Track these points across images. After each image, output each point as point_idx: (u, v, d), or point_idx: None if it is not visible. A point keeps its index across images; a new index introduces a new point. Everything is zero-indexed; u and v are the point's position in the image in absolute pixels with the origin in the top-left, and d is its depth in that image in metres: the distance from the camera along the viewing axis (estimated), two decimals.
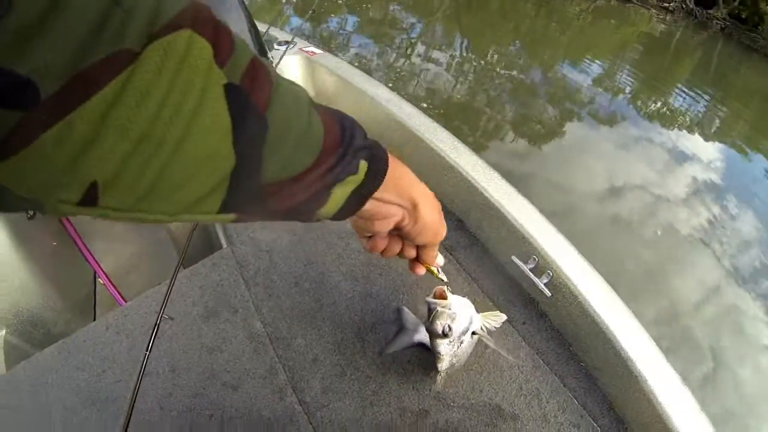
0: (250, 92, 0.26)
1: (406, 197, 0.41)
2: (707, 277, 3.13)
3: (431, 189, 0.44)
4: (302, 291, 1.14)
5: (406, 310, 1.04)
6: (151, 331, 1.03)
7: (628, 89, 5.42)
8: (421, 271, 0.55)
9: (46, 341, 1.22)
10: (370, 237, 0.47)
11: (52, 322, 1.40)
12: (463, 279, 1.18)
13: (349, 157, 0.33)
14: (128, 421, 0.82)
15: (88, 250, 1.42)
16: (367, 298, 1.12)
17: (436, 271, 0.61)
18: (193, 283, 1.18)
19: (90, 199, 0.23)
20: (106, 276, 1.41)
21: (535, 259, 1.09)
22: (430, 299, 0.79)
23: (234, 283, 1.18)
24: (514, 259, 1.13)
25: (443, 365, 0.86)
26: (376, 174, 0.36)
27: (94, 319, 1.62)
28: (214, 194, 0.26)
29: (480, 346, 1.00)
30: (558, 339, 1.08)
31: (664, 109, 5.26)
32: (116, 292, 1.37)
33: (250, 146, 0.26)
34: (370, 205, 0.38)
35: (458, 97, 4.56)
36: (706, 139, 4.85)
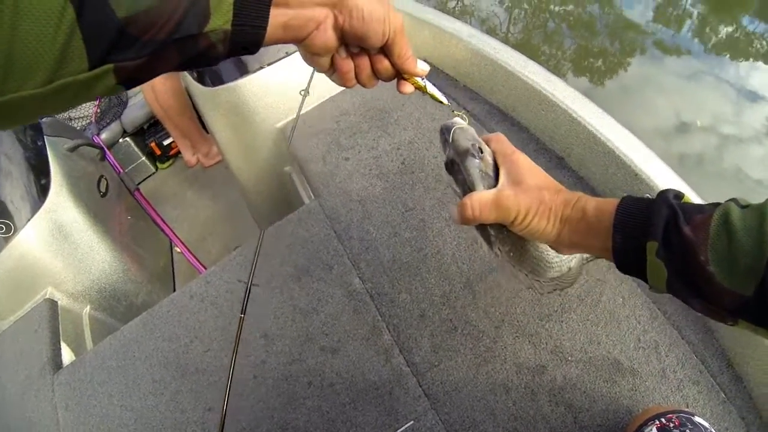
0: None
1: None
2: None
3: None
4: (402, 241, 1.01)
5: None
6: (241, 297, 0.94)
7: (695, 13, 4.82)
8: (408, 88, 0.49)
9: (130, 313, 1.17)
10: (332, 68, 0.45)
11: (134, 294, 1.36)
12: None
13: None
14: (228, 392, 0.74)
15: (163, 220, 1.36)
16: (474, 244, 0.98)
17: (423, 85, 0.50)
18: (280, 242, 1.08)
19: None
20: (183, 244, 1.35)
21: None
22: (444, 122, 0.58)
23: (325, 237, 1.06)
24: None
25: (479, 188, 0.62)
26: None
27: (174, 288, 1.59)
28: (71, 47, 0.28)
29: (595, 294, 0.89)
30: None
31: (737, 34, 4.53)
32: (194, 259, 1.30)
33: None
34: (284, 16, 0.36)
35: (514, 35, 4.33)
36: None
